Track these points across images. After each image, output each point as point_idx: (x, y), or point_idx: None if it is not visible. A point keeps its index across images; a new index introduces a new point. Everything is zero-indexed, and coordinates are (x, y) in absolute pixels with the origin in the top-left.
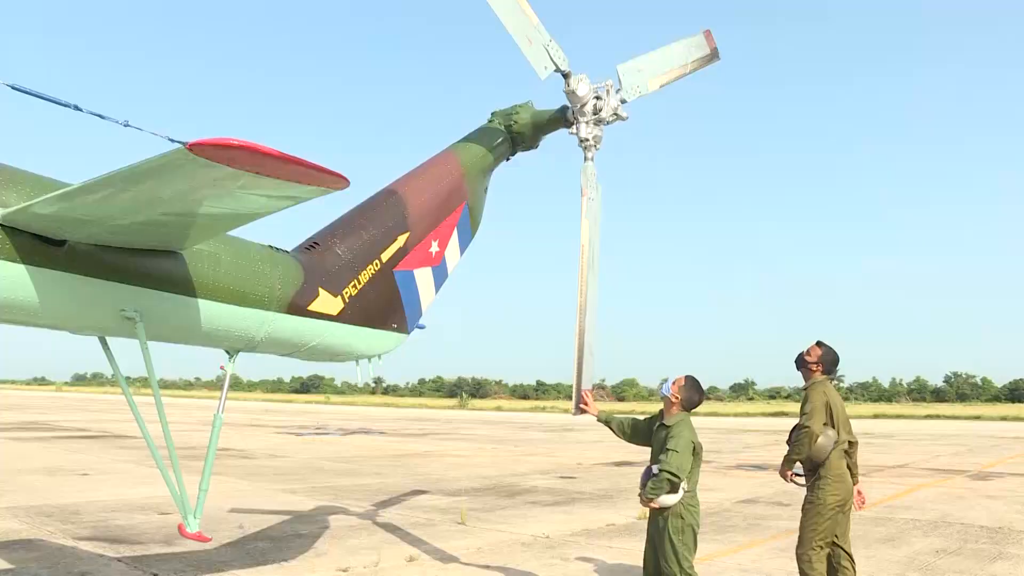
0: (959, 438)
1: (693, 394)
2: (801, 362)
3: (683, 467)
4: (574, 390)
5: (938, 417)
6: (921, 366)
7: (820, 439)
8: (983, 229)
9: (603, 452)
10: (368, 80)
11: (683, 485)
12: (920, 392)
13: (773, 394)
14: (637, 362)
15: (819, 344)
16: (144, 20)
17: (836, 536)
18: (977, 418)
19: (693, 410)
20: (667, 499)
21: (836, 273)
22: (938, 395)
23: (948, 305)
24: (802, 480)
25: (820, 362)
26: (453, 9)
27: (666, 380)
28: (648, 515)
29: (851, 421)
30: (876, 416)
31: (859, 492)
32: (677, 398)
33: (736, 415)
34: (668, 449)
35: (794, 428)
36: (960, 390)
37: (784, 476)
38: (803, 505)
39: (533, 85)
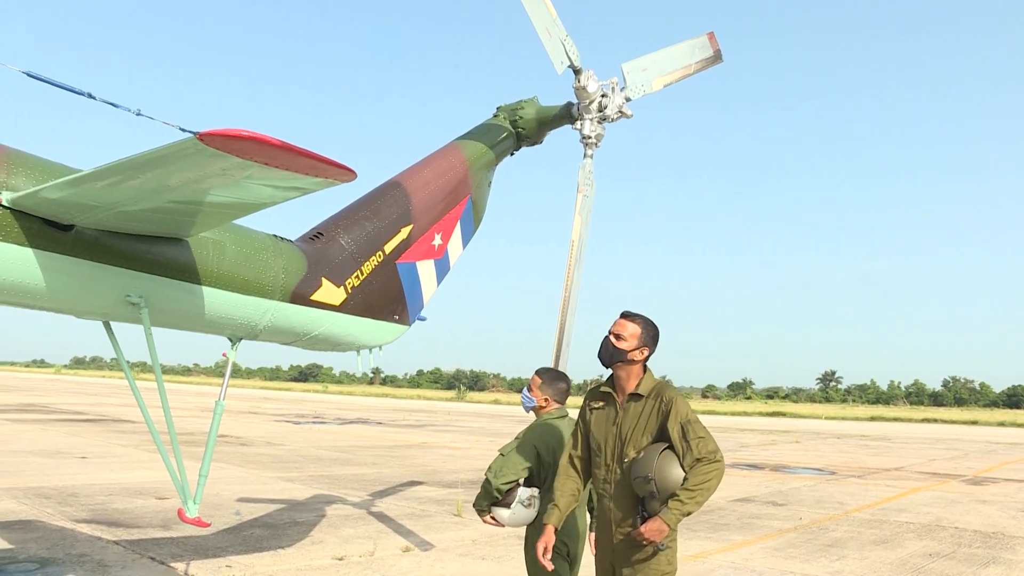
0: (956, 442)
1: (563, 384)
2: (615, 352)
3: (501, 468)
4: None
5: (935, 421)
6: (919, 370)
7: None
8: (985, 233)
9: None
10: (376, 76)
11: (520, 495)
12: (918, 396)
13: (771, 394)
14: None
15: (630, 316)
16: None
17: None
18: (974, 423)
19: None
20: (500, 513)
21: (835, 275)
22: (936, 399)
23: (948, 309)
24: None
25: (648, 345)
26: (460, 6)
27: (521, 391)
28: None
29: (848, 423)
30: (873, 419)
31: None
32: (546, 399)
33: (733, 414)
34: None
35: (647, 465)
36: (958, 395)
37: (656, 541)
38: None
39: (532, 83)
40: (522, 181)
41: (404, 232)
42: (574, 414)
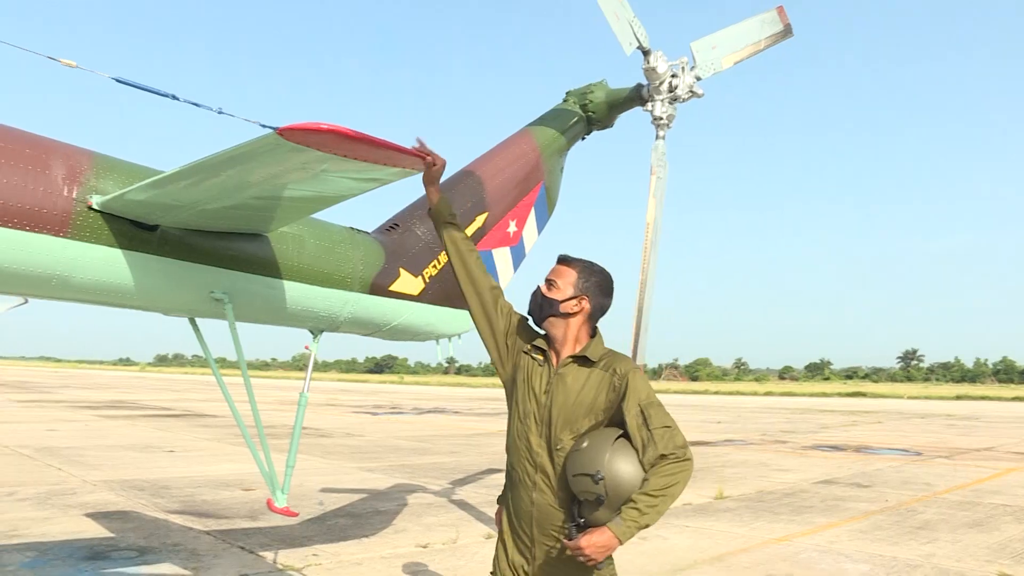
0: None
1: None
2: (544, 303)
3: None
4: None
5: None
6: (1008, 346)
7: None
8: None
9: None
10: (447, 65)
11: None
12: (1007, 373)
13: (850, 374)
14: (710, 341)
15: (566, 260)
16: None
17: None
18: None
19: None
20: None
21: (915, 249)
22: None
23: None
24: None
25: (587, 294)
26: None
27: None
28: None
29: (932, 403)
30: (959, 398)
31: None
32: None
33: (812, 395)
34: None
35: (584, 457)
36: None
37: (598, 560)
38: None
39: (599, 67)
40: (593, 165)
41: (479, 220)
42: None
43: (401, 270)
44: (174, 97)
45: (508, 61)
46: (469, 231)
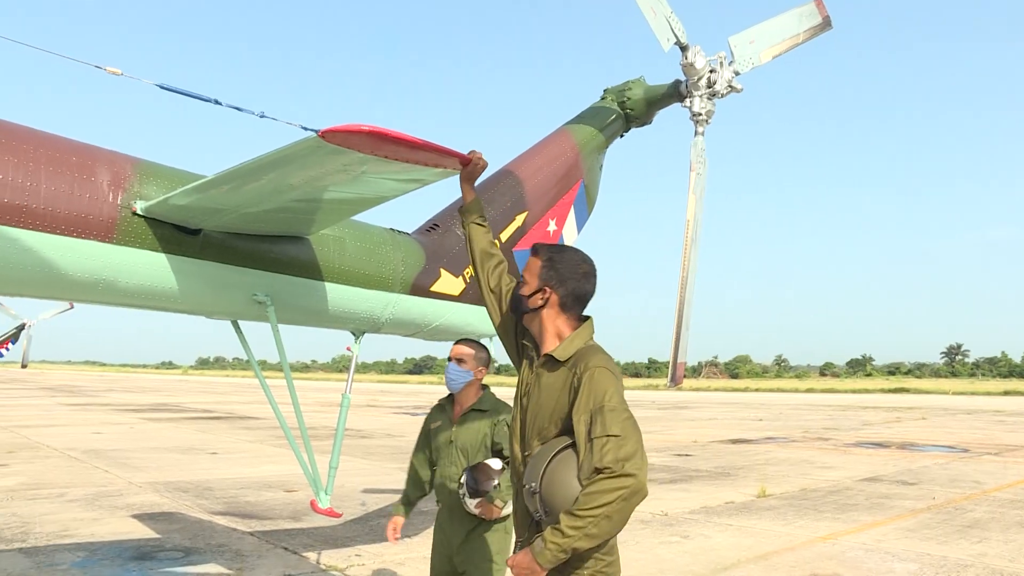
0: None
1: (485, 352)
2: (516, 302)
3: None
4: (671, 362)
5: None
6: None
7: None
8: None
9: (718, 430)
10: (481, 64)
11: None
12: None
13: (892, 370)
14: (750, 338)
15: (536, 250)
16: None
17: None
18: None
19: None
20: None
21: (959, 242)
22: None
23: None
24: None
25: (550, 284)
26: None
27: (449, 362)
28: (450, 529)
29: (979, 399)
30: (1006, 393)
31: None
32: (482, 370)
33: (854, 391)
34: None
35: (527, 469)
36: None
37: None
38: None
39: (637, 64)
40: (632, 162)
41: (519, 220)
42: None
43: (442, 270)
44: (216, 102)
45: (545, 59)
46: (509, 230)
